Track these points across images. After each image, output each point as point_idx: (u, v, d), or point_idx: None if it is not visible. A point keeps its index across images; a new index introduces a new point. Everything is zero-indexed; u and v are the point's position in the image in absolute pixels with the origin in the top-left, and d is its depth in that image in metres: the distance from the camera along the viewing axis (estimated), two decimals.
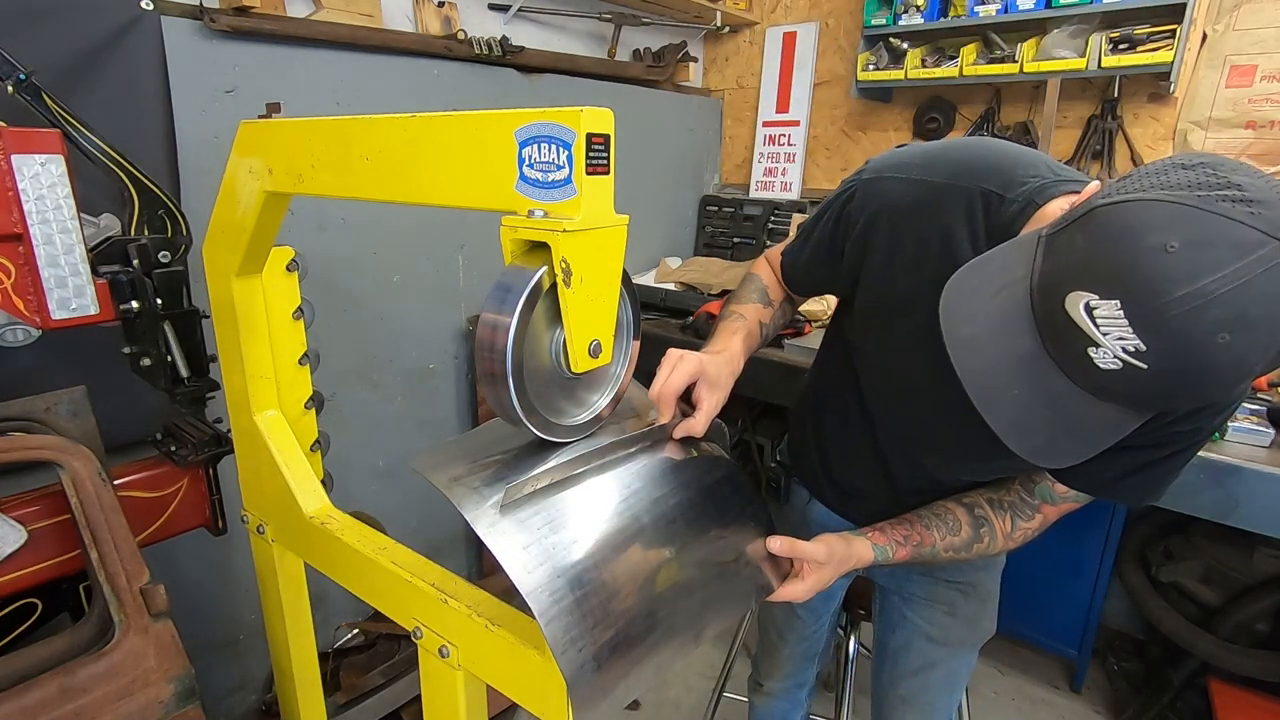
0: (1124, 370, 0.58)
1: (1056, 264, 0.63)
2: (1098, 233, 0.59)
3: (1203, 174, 0.56)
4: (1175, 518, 2.03)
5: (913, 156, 0.92)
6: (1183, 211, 0.55)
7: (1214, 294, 0.53)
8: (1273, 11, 1.91)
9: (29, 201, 0.97)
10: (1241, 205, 0.54)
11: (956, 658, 1.19)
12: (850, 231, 0.95)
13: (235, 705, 1.91)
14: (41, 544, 1.07)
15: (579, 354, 0.74)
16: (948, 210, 0.85)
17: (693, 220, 3.06)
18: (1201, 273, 0.53)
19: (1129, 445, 0.77)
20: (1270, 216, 0.53)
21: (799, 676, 1.41)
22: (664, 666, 0.81)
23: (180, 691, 0.90)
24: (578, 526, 0.76)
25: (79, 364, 1.38)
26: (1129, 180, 0.61)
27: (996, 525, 0.95)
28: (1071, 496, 0.91)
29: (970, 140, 0.92)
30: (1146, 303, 0.55)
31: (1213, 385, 0.58)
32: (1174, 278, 0.54)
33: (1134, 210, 0.57)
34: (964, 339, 0.69)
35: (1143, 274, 0.55)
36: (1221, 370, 0.56)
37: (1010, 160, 0.84)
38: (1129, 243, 0.56)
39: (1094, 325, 0.58)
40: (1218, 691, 1.88)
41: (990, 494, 0.97)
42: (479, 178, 0.71)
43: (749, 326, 1.06)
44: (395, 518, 2.06)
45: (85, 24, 1.36)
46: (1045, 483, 0.92)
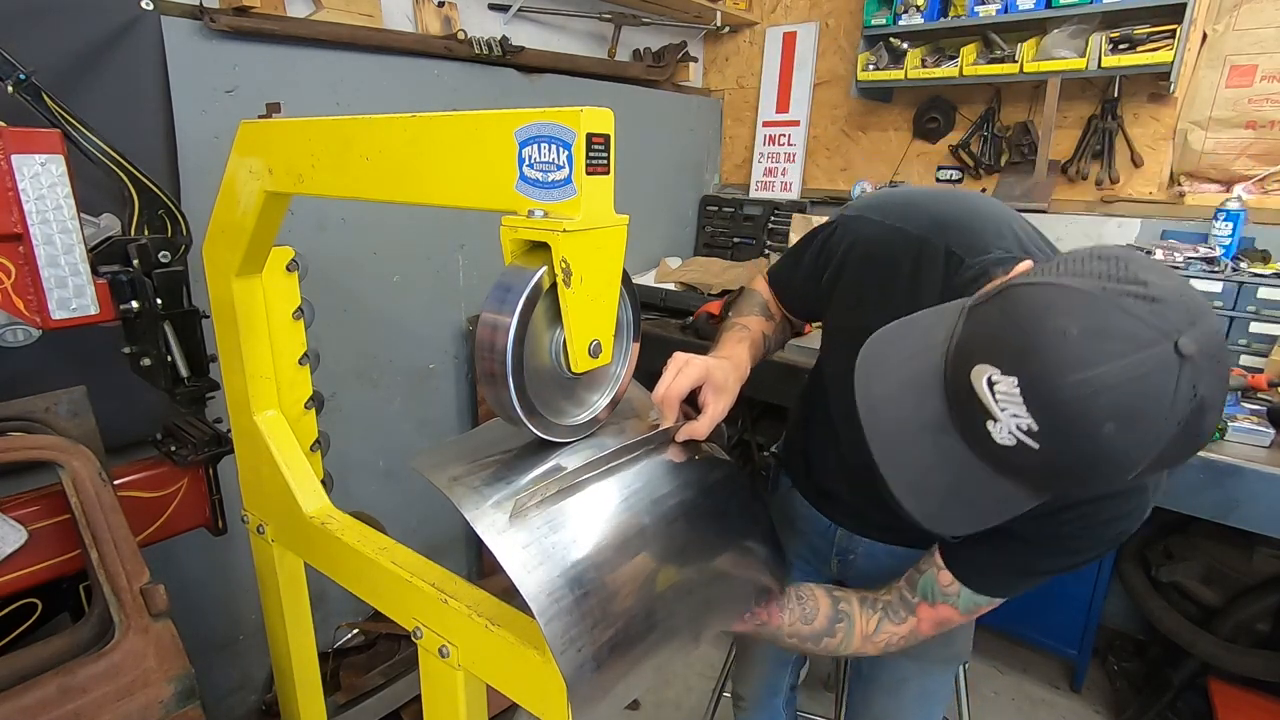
0: (1018, 448, 0.59)
1: (970, 335, 0.65)
2: (1009, 310, 0.61)
3: (1115, 267, 0.58)
4: (1175, 518, 2.03)
5: (895, 202, 0.94)
6: (1087, 300, 0.56)
7: (1103, 384, 0.54)
8: (1273, 11, 1.91)
9: (29, 201, 0.98)
10: (1143, 302, 0.55)
11: (929, 675, 1.17)
12: (829, 263, 0.99)
13: (235, 705, 1.91)
14: (41, 544, 1.07)
15: (579, 354, 0.74)
16: (915, 261, 0.88)
17: (693, 220, 3.06)
18: (1094, 361, 0.54)
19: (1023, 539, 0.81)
20: (1170, 317, 0.55)
21: (772, 683, 1.39)
22: (664, 667, 0.81)
23: (180, 691, 0.90)
24: (577, 526, 0.76)
25: (79, 364, 1.38)
26: (1051, 264, 0.63)
27: (857, 623, 0.94)
28: (953, 594, 0.89)
29: (954, 195, 0.94)
30: (1040, 383, 0.56)
31: (1097, 474, 0.59)
32: (1068, 363, 0.55)
33: (1043, 293, 0.59)
34: (875, 395, 0.70)
35: (1040, 355, 0.56)
36: (1106, 460, 0.57)
37: (982, 223, 0.86)
38: (1032, 324, 0.58)
39: (993, 399, 0.59)
40: (1218, 691, 1.88)
41: (869, 592, 0.97)
42: (479, 178, 0.71)
43: (753, 336, 1.07)
44: (395, 518, 2.06)
45: (85, 24, 1.36)
46: (932, 571, 0.90)
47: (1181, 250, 1.90)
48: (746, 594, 0.94)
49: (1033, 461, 0.59)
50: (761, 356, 1.09)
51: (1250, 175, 2.00)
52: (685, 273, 2.63)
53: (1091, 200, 2.27)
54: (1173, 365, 0.54)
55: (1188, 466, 1.37)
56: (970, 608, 0.89)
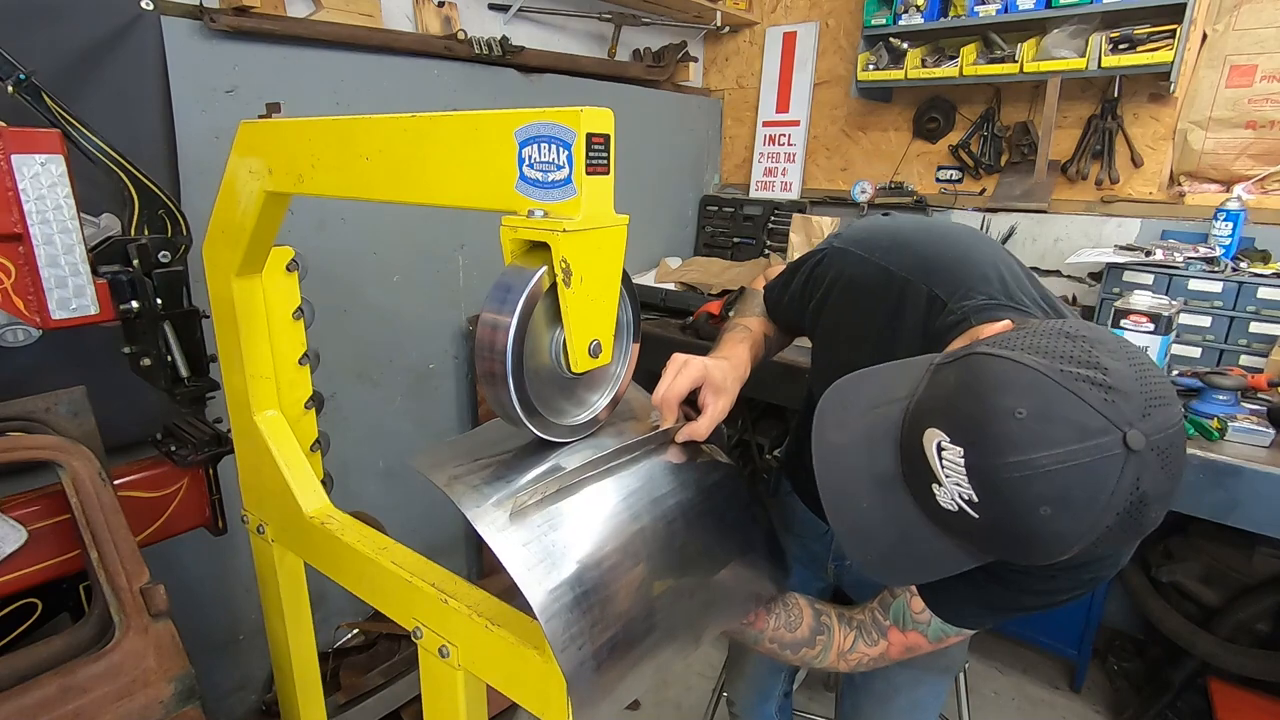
0: (960, 514, 0.61)
1: (929, 397, 0.65)
2: (967, 378, 0.62)
3: (1079, 348, 0.58)
4: (1175, 518, 2.03)
5: (883, 237, 0.94)
6: (1042, 382, 0.57)
7: (1043, 468, 0.55)
8: (1273, 11, 1.91)
9: (29, 201, 0.98)
10: (1098, 390, 0.55)
11: (921, 685, 1.16)
12: (814, 292, 1.00)
13: (235, 705, 1.91)
14: (41, 544, 1.07)
15: (579, 354, 0.74)
16: (897, 302, 0.89)
17: (693, 220, 3.06)
18: (1037, 445, 0.55)
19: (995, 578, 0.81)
20: (1123, 408, 0.55)
21: (765, 689, 1.38)
22: (664, 667, 0.81)
23: (180, 691, 0.90)
24: (578, 526, 0.76)
25: (79, 364, 1.38)
26: (1020, 334, 0.63)
27: (835, 638, 0.94)
28: (924, 621, 0.89)
29: (945, 233, 0.92)
30: (984, 458, 0.57)
31: (1033, 552, 0.60)
32: (1012, 443, 0.56)
33: (1002, 367, 0.60)
34: (830, 444, 0.71)
35: (987, 431, 0.57)
36: (1040, 540, 0.58)
37: (969, 266, 0.86)
38: (986, 398, 0.58)
39: (940, 465, 0.61)
40: (1218, 691, 1.88)
41: (846, 609, 0.97)
42: (479, 178, 0.71)
43: (754, 337, 1.07)
44: (395, 518, 2.06)
45: (85, 24, 1.36)
46: (904, 596, 0.91)
47: (1181, 250, 1.90)
48: (747, 595, 0.94)
49: (973, 528, 0.61)
50: (763, 357, 1.09)
51: (1250, 175, 2.00)
52: (685, 273, 2.63)
53: (1091, 200, 2.27)
54: (1117, 457, 0.54)
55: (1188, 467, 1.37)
56: (939, 636, 0.89)
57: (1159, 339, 1.43)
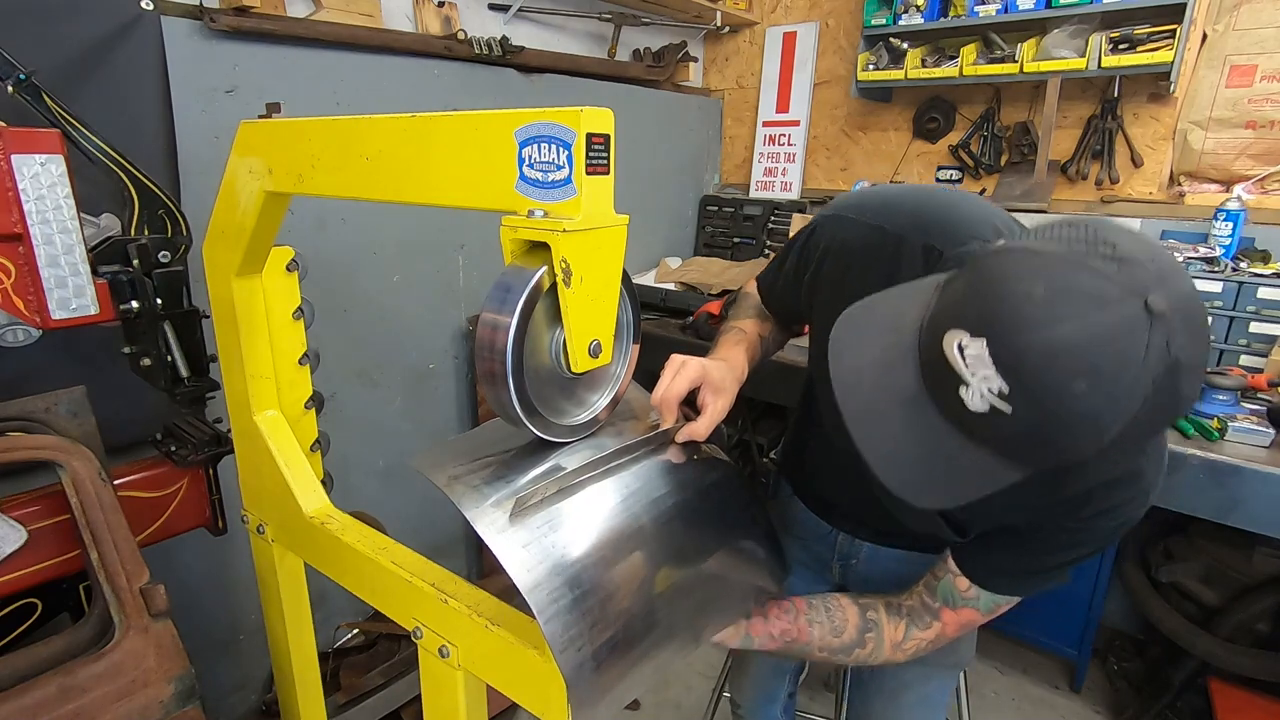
0: (991, 413, 0.59)
1: (942, 306, 0.65)
2: (977, 276, 0.61)
3: (1083, 231, 0.58)
4: (1175, 518, 2.03)
5: (873, 199, 0.94)
6: (1052, 261, 0.57)
7: (1069, 341, 0.54)
8: (1273, 11, 1.91)
9: (29, 201, 0.98)
10: (1110, 262, 0.55)
11: (930, 681, 1.16)
12: (808, 265, 0.99)
13: (235, 705, 1.91)
14: (41, 544, 1.07)
15: (579, 354, 0.74)
16: (893, 259, 0.87)
17: (693, 220, 3.06)
18: (1059, 321, 0.54)
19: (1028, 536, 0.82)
20: (1137, 275, 0.54)
21: (768, 690, 1.38)
22: (663, 667, 0.81)
23: (180, 691, 0.90)
24: (577, 526, 0.76)
25: (79, 364, 1.38)
26: (1022, 234, 0.64)
27: (886, 632, 0.94)
28: (973, 597, 0.89)
29: (930, 191, 0.93)
30: (1008, 344, 0.56)
31: (1070, 437, 0.57)
32: (1034, 321, 0.55)
33: (1011, 257, 0.60)
34: (848, 368, 0.69)
35: (1006, 316, 0.56)
36: (1077, 421, 0.56)
37: (960, 217, 0.86)
38: (999, 287, 0.58)
39: (964, 364, 0.59)
40: (1218, 691, 1.88)
41: (892, 597, 0.97)
42: (479, 178, 0.72)
43: (749, 339, 1.07)
44: (395, 518, 2.06)
45: (85, 24, 1.36)
46: (949, 577, 0.90)
47: (1181, 250, 1.90)
48: (746, 595, 0.94)
49: (1006, 427, 0.58)
50: (759, 358, 1.09)
51: (1250, 175, 2.00)
52: (685, 273, 2.63)
53: (1091, 200, 2.27)
54: (1142, 322, 0.53)
55: (1188, 466, 1.37)
56: (991, 607, 0.89)
57: None
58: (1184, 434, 1.44)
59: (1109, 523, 0.81)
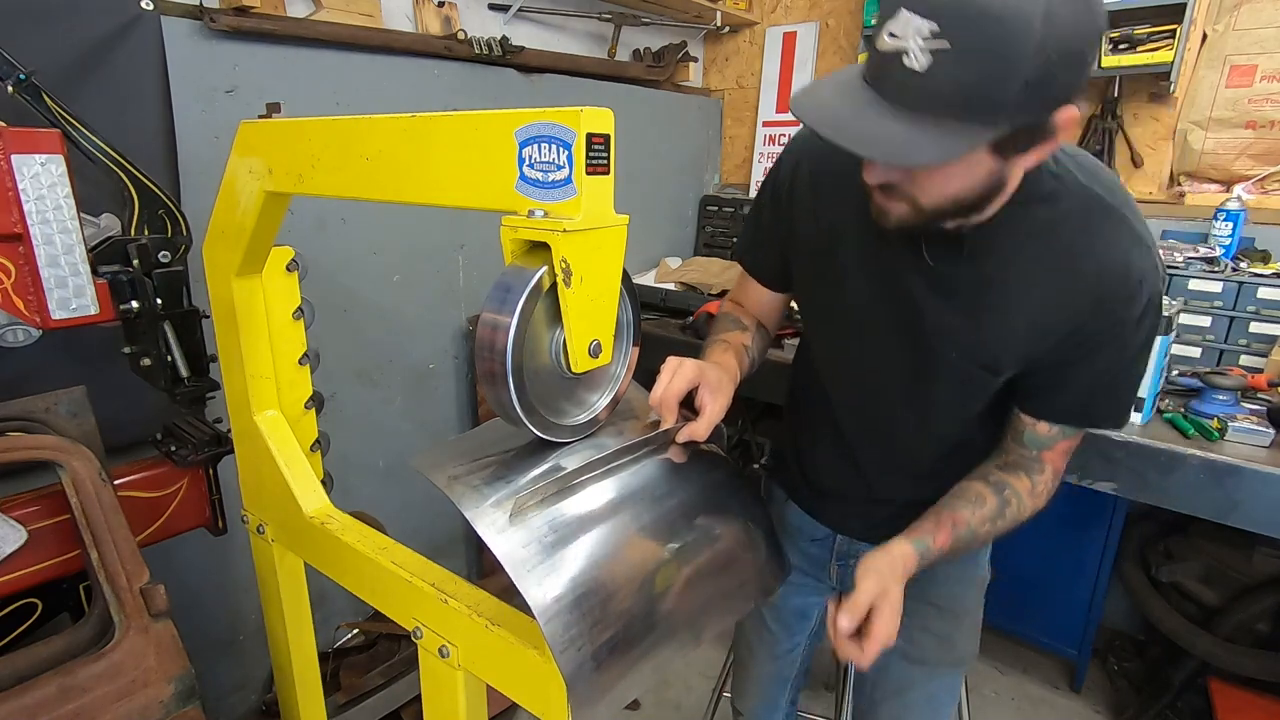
0: (937, 62, 0.63)
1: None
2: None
3: None
4: (1175, 518, 2.04)
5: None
6: None
7: None
8: (1273, 11, 1.91)
9: (29, 201, 0.98)
10: None
11: (935, 679, 1.16)
12: (782, 191, 1.01)
13: (235, 705, 1.91)
14: (41, 544, 1.07)
15: (579, 354, 0.74)
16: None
17: (693, 220, 3.06)
18: None
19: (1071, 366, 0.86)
20: None
21: (770, 700, 1.37)
22: (663, 666, 0.81)
23: (180, 691, 0.90)
24: (577, 526, 0.76)
25: (79, 364, 1.38)
26: None
27: (1017, 485, 0.94)
28: (1057, 434, 0.92)
29: None
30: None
31: (1003, 42, 0.62)
32: None
33: None
34: (812, 97, 0.74)
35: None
36: (1000, 21, 0.61)
37: None
38: None
39: (898, 39, 0.65)
40: (1218, 691, 1.88)
41: (994, 462, 0.97)
42: (479, 178, 0.72)
43: (734, 347, 1.08)
44: (395, 518, 2.06)
45: (85, 24, 1.36)
46: (1027, 430, 0.93)
47: (1181, 250, 1.90)
48: (746, 594, 0.94)
49: (954, 65, 0.63)
50: (748, 367, 1.09)
51: (1250, 175, 2.00)
52: (685, 273, 2.63)
53: None
54: None
55: (1188, 466, 1.37)
56: (1073, 433, 0.93)
57: (1159, 339, 1.43)
58: (1184, 434, 1.44)
59: (1132, 311, 0.82)
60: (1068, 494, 2.07)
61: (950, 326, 0.88)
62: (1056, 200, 0.82)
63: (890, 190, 0.78)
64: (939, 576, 1.08)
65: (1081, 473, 1.49)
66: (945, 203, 0.77)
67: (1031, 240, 0.82)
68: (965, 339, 0.88)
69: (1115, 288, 0.81)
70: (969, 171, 0.73)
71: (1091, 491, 1.50)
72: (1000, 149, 0.71)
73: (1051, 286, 0.83)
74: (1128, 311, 0.82)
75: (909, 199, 0.77)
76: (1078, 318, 0.83)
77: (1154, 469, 1.41)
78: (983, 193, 0.76)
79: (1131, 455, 1.43)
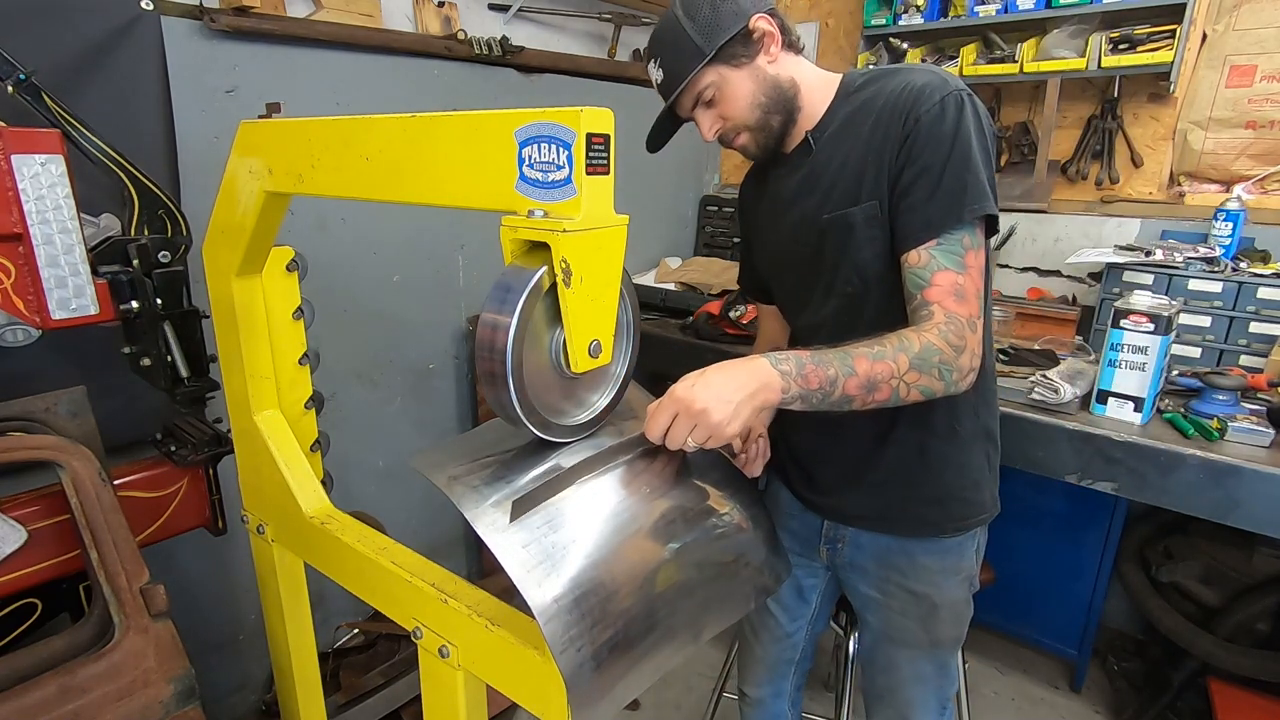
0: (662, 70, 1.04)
1: None
2: None
3: None
4: (1175, 518, 2.03)
5: None
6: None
7: None
8: (1273, 11, 1.91)
9: (29, 201, 0.98)
10: None
11: (919, 660, 1.18)
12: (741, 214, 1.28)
13: (235, 705, 1.91)
14: (41, 544, 1.07)
15: (579, 354, 0.74)
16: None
17: (693, 220, 3.06)
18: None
19: (905, 188, 0.94)
20: None
21: (775, 684, 1.40)
22: (663, 666, 0.81)
23: (180, 691, 0.90)
24: (577, 526, 0.76)
25: (79, 364, 1.38)
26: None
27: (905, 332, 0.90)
28: (928, 262, 0.93)
29: None
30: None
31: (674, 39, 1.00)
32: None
33: None
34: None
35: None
36: (664, 30, 1.01)
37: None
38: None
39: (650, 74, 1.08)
40: (1218, 691, 1.88)
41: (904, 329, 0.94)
42: (479, 178, 0.72)
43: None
44: (395, 518, 2.06)
45: (85, 24, 1.36)
46: (905, 272, 0.95)
47: (1181, 250, 1.90)
48: (746, 593, 0.94)
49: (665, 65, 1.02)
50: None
51: (1250, 175, 2.00)
52: (685, 273, 2.63)
53: (1091, 200, 2.27)
54: None
55: (1188, 466, 1.37)
56: (952, 260, 0.92)
57: (1159, 339, 1.43)
58: (1184, 434, 1.44)
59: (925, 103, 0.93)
60: (1068, 494, 2.10)
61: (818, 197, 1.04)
62: (869, 85, 1.02)
63: (726, 137, 1.09)
64: (917, 567, 1.11)
65: (1082, 473, 1.49)
66: (751, 110, 1.03)
67: (854, 114, 1.02)
68: (829, 196, 1.03)
69: (903, 99, 0.95)
70: (740, 87, 1.01)
71: (1091, 491, 1.50)
72: (727, 59, 0.99)
73: (866, 129, 0.99)
74: (921, 110, 0.92)
75: (736, 128, 1.06)
76: (888, 138, 0.95)
77: (1154, 469, 1.41)
78: (770, 92, 1.03)
79: (1131, 455, 1.43)
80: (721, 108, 1.04)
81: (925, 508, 1.09)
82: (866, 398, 0.87)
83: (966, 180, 0.91)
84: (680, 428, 0.80)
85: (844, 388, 0.86)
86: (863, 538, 1.15)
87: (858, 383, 0.86)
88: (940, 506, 1.09)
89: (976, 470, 1.10)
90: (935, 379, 0.89)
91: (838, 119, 1.04)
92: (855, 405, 0.88)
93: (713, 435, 0.79)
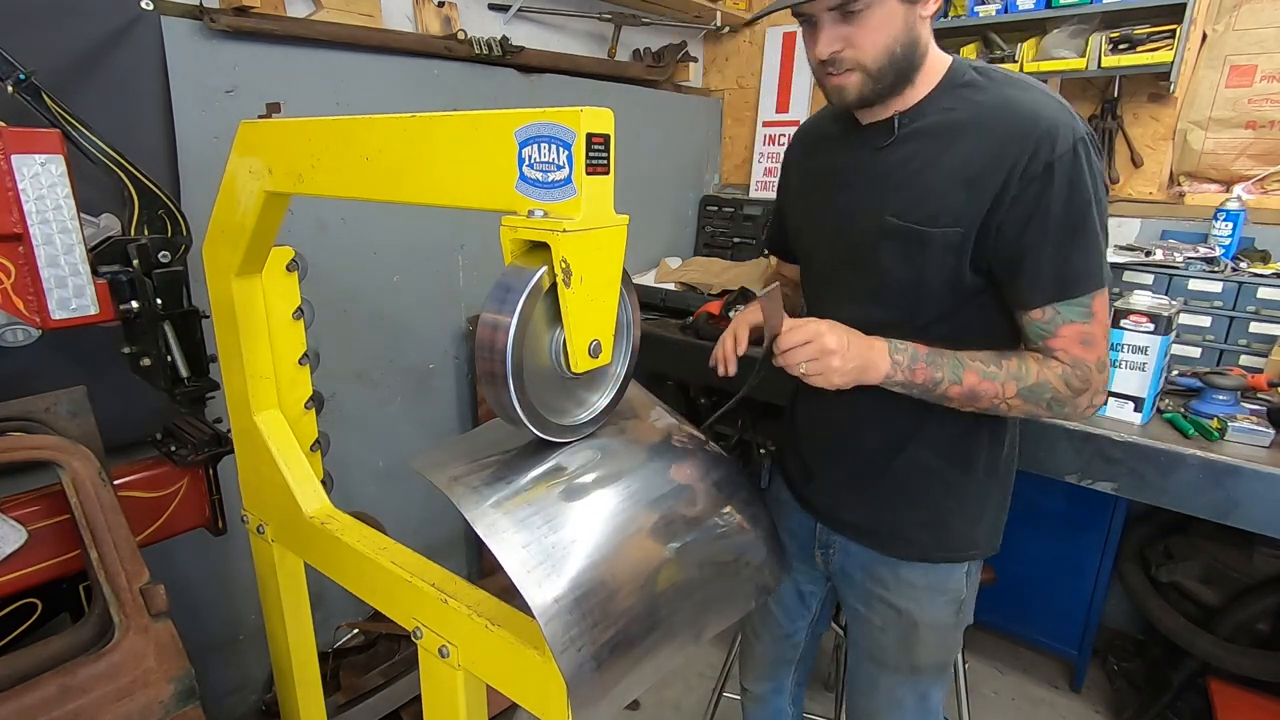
0: None
1: None
2: None
3: None
4: (1175, 518, 2.03)
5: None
6: None
7: None
8: (1273, 11, 1.91)
9: (29, 201, 0.98)
10: None
11: (898, 686, 1.15)
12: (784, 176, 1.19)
13: (235, 705, 1.91)
14: (41, 544, 1.07)
15: (579, 354, 0.74)
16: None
17: (693, 220, 3.06)
18: None
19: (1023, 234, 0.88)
20: None
21: (776, 680, 1.40)
22: (664, 666, 0.81)
23: (180, 691, 0.90)
24: (577, 526, 0.76)
25: (79, 364, 1.38)
26: None
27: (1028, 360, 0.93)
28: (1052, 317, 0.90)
29: None
30: None
31: None
32: None
33: None
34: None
35: None
36: None
37: None
38: None
39: None
40: (1218, 691, 1.88)
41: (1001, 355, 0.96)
42: (479, 178, 0.72)
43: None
44: (395, 518, 2.06)
45: (85, 24, 1.36)
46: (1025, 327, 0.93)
47: (1181, 250, 1.90)
48: (747, 593, 0.94)
49: None
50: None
51: (1250, 175, 2.00)
52: (685, 273, 2.63)
53: None
54: None
55: (1188, 466, 1.37)
56: (1078, 313, 0.90)
57: (1159, 339, 1.43)
58: (1184, 434, 1.44)
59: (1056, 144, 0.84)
60: (1068, 494, 2.10)
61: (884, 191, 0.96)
62: (979, 87, 0.92)
63: (839, 64, 0.90)
64: (901, 582, 1.09)
65: (1082, 473, 1.49)
66: (884, 57, 0.88)
67: (955, 114, 0.92)
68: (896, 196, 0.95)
69: (1028, 127, 0.86)
70: (889, 21, 0.87)
71: (1091, 491, 1.50)
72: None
73: (970, 142, 0.89)
74: (1056, 155, 0.85)
75: (855, 64, 0.90)
76: (999, 165, 0.87)
77: (1154, 469, 1.41)
78: (907, 45, 0.89)
79: (1131, 455, 1.43)
80: (859, 32, 0.88)
81: (916, 531, 1.07)
82: (965, 404, 0.95)
83: (1100, 243, 0.89)
84: (807, 351, 0.90)
85: (946, 390, 0.93)
86: (852, 546, 1.14)
87: (961, 391, 0.93)
88: (930, 532, 1.06)
89: (979, 505, 1.07)
90: (1043, 409, 0.94)
91: (934, 110, 0.93)
92: (953, 405, 0.95)
93: (820, 375, 0.91)
